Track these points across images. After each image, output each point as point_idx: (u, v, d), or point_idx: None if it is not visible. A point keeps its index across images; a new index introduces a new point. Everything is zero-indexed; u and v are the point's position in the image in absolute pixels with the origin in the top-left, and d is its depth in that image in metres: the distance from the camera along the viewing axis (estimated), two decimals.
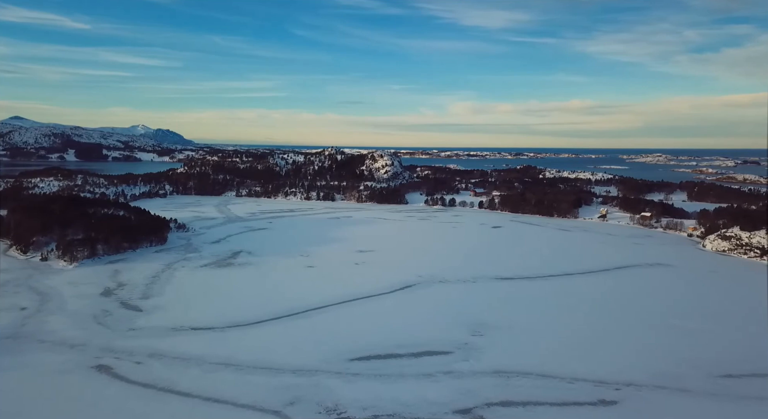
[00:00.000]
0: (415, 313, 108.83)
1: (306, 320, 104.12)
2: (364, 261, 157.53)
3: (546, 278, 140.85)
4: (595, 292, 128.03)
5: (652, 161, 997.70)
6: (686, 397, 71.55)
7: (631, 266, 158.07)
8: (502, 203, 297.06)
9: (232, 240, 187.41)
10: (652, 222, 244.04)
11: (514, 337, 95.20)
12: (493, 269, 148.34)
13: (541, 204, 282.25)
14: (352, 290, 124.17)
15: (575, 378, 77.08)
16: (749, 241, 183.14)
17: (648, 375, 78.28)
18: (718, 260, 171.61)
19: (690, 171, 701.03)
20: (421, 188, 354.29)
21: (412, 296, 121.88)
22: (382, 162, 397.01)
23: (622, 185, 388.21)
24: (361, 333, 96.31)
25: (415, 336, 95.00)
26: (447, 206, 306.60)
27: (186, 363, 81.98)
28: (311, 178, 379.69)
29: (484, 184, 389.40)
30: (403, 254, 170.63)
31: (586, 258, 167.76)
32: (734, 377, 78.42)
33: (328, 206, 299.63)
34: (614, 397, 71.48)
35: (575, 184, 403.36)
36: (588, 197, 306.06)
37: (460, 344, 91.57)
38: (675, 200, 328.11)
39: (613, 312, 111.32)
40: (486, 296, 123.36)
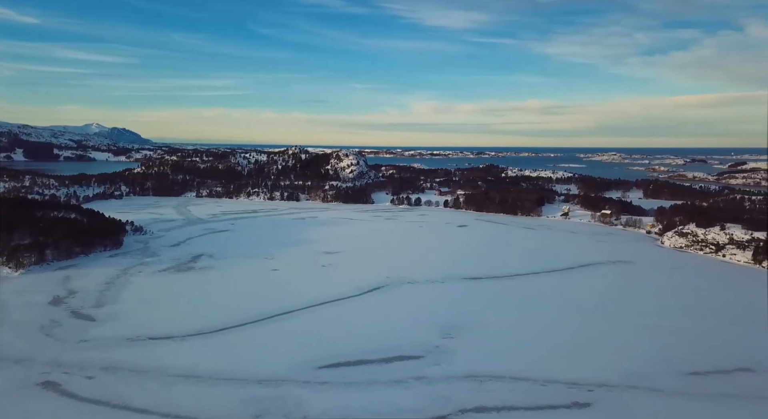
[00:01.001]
0: (385, 316, 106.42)
1: (272, 326, 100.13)
2: (331, 263, 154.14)
3: (513, 278, 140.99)
4: (562, 291, 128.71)
5: (608, 160, 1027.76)
6: (657, 397, 71.63)
7: (596, 263, 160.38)
8: (466, 201, 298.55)
9: (193, 243, 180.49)
10: (613, 220, 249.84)
11: (485, 339, 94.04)
12: (461, 269, 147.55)
13: (505, 203, 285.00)
14: (320, 293, 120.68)
15: (548, 381, 76.27)
16: (705, 237, 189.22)
17: (619, 375, 78.27)
18: (676, 257, 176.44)
19: (643, 169, 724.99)
20: (387, 187, 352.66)
21: (381, 299, 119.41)
22: (348, 161, 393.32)
23: (582, 184, 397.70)
24: (329, 338, 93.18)
25: (385, 340, 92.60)
26: (413, 206, 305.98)
27: (143, 376, 76.97)
28: (275, 178, 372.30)
29: (449, 183, 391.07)
30: (371, 255, 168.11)
31: (552, 256, 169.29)
32: (701, 374, 79.34)
33: (293, 207, 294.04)
34: (588, 399, 70.93)
35: (537, 182, 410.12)
36: (550, 196, 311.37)
37: (431, 347, 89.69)
38: (632, 197, 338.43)
39: (582, 311, 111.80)
40: (455, 296, 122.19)
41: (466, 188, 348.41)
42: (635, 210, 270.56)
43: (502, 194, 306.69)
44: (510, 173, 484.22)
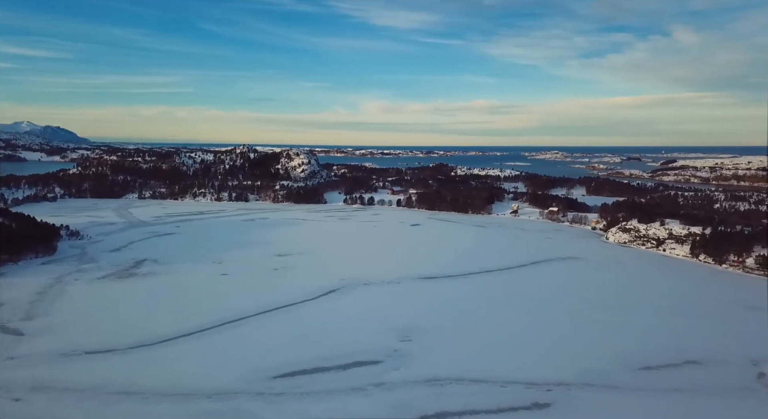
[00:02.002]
0: (341, 320, 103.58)
1: (221, 335, 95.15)
2: (284, 266, 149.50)
3: (468, 276, 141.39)
4: (516, 289, 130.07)
5: (551, 158, 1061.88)
6: (614, 394, 72.57)
7: (546, 260, 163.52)
8: (419, 200, 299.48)
9: (135, 247, 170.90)
10: (560, 217, 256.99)
11: (443, 340, 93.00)
12: (417, 269, 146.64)
13: (456, 201, 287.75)
14: (272, 298, 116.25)
15: (507, 381, 75.88)
16: (646, 233, 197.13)
17: (576, 372, 78.95)
18: (621, 252, 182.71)
19: (584, 167, 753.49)
20: (340, 186, 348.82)
21: (336, 302, 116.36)
22: (299, 160, 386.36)
23: (529, 182, 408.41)
24: (283, 346, 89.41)
25: (342, 345, 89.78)
26: (366, 205, 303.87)
27: (79, 395, 70.80)
28: (222, 178, 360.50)
29: (401, 182, 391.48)
30: (325, 256, 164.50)
31: (504, 254, 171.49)
32: (653, 369, 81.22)
33: (242, 208, 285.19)
34: (547, 399, 70.92)
35: (486, 181, 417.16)
36: (499, 194, 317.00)
37: (389, 351, 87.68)
38: (576, 194, 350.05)
39: (536, 309, 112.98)
40: (411, 297, 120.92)
41: (418, 187, 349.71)
42: (580, 207, 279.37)
43: (453, 192, 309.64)
44: (459, 171, 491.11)
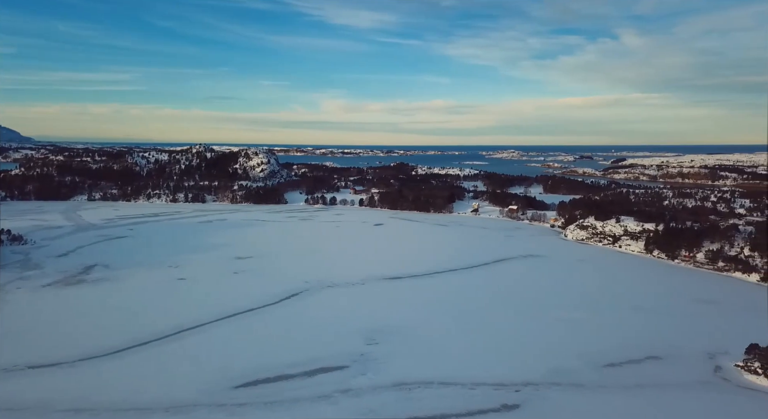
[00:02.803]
0: (305, 325, 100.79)
1: (179, 343, 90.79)
2: (244, 269, 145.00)
3: (433, 276, 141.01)
4: (480, 288, 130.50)
5: (508, 157, 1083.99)
6: (580, 393, 73.02)
7: (509, 258, 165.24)
8: (381, 200, 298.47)
9: (84, 252, 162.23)
10: (519, 215, 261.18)
11: (410, 342, 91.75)
12: (381, 269, 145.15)
13: (418, 200, 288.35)
14: (232, 303, 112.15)
15: (476, 383, 75.26)
16: (603, 230, 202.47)
17: (542, 372, 79.18)
18: (580, 249, 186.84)
19: (540, 166, 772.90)
20: (301, 186, 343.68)
21: (300, 306, 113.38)
22: (258, 160, 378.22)
23: (488, 180, 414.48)
24: (245, 354, 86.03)
25: (306, 351, 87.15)
26: (328, 205, 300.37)
27: (22, 414, 65.70)
28: (177, 178, 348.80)
29: (363, 181, 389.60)
30: (287, 258, 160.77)
31: (467, 253, 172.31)
32: (616, 365, 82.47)
33: (199, 209, 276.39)
34: (516, 400, 70.68)
35: (446, 180, 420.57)
36: (460, 193, 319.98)
37: (356, 356, 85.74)
38: (533, 192, 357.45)
39: (501, 308, 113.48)
40: (377, 298, 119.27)
41: (380, 187, 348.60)
42: (539, 205, 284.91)
43: (415, 192, 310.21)
44: (420, 171, 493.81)
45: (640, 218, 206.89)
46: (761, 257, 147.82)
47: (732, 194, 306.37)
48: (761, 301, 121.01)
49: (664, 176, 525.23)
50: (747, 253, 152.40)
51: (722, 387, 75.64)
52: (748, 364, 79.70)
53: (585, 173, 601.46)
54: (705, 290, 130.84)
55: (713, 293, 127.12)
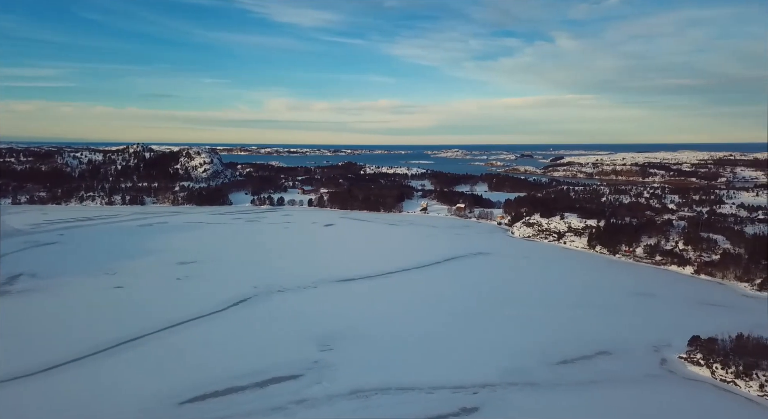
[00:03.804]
0: (255, 332, 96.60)
1: (118, 357, 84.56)
2: (188, 275, 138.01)
3: (386, 276, 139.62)
4: (433, 287, 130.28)
5: (452, 156, 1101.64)
6: (536, 392, 73.45)
7: (459, 256, 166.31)
8: (330, 200, 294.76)
9: (9, 260, 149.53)
10: (467, 213, 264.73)
11: (366, 347, 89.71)
12: (333, 271, 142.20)
13: (368, 200, 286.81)
14: (175, 312, 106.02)
15: (434, 387, 74.17)
16: (548, 227, 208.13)
17: (499, 372, 79.20)
18: (526, 246, 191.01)
19: (484, 164, 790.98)
20: (246, 186, 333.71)
21: (248, 313, 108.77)
22: (200, 160, 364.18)
23: (435, 179, 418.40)
24: (191, 365, 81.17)
25: (257, 360, 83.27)
26: (276, 206, 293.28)
27: None
28: (114, 179, 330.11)
29: (311, 181, 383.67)
30: (234, 262, 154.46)
31: (418, 252, 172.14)
32: (569, 362, 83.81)
33: (138, 212, 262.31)
34: (474, 402, 70.10)
35: (394, 179, 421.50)
36: (409, 192, 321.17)
37: (309, 363, 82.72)
38: (479, 190, 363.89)
39: (455, 308, 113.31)
40: (329, 302, 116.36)
41: (329, 186, 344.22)
42: (485, 203, 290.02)
43: (365, 191, 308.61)
44: (369, 170, 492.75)
45: (583, 215, 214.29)
46: (694, 251, 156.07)
47: (662, 191, 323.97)
48: (696, 293, 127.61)
49: (600, 173, 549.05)
50: (681, 247, 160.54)
51: (669, 380, 78.26)
52: (691, 356, 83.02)
53: (526, 171, 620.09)
54: (645, 283, 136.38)
55: (653, 287, 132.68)
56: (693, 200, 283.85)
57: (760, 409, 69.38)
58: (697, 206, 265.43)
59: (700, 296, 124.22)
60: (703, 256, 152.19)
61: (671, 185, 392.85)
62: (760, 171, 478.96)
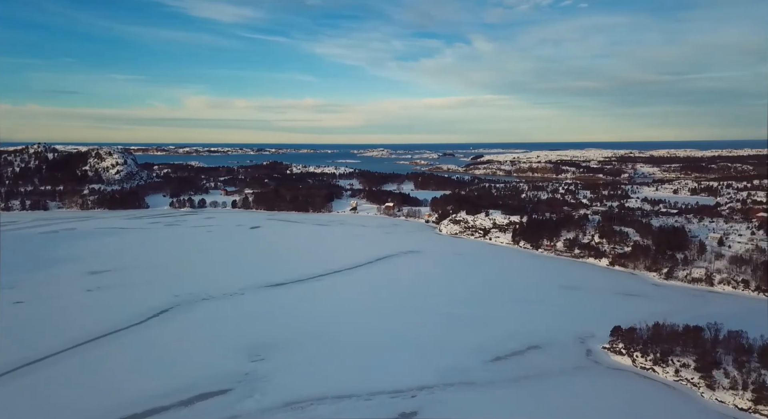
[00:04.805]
0: (179, 346, 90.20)
1: (17, 384, 75.54)
2: (101, 286, 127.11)
3: (317, 279, 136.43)
4: (366, 288, 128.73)
5: (378, 155, 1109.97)
6: (473, 391, 73.92)
7: (390, 256, 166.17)
8: (256, 201, 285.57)
9: None
10: (396, 211, 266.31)
11: (300, 355, 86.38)
12: (262, 276, 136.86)
13: (296, 200, 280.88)
14: (85, 327, 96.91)
15: (372, 393, 72.56)
16: (474, 223, 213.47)
17: (435, 373, 78.92)
18: (454, 243, 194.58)
19: (408, 163, 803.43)
20: (164, 188, 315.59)
21: (170, 324, 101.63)
22: (112, 160, 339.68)
23: (363, 178, 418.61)
24: (103, 388, 74.00)
25: (182, 376, 77.62)
26: (197, 208, 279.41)
27: None
28: (11, 183, 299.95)
29: (234, 182, 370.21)
30: (153, 270, 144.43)
31: (349, 252, 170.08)
32: (502, 359, 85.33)
33: (41, 218, 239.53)
34: (413, 406, 69.22)
35: (322, 178, 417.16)
36: (338, 191, 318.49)
37: (240, 376, 78.30)
38: (406, 189, 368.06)
39: (389, 309, 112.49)
40: (259, 309, 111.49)
41: (253, 187, 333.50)
42: (413, 201, 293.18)
43: (292, 191, 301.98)
44: (295, 169, 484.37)
45: (506, 212, 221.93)
46: (608, 244, 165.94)
47: (576, 187, 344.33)
48: (613, 284, 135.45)
49: (517, 170, 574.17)
50: (597, 240, 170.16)
51: (595, 370, 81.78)
52: (613, 346, 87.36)
53: (449, 169, 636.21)
54: (567, 276, 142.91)
55: (574, 280, 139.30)
56: (603, 195, 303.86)
57: (676, 393, 74.04)
58: (607, 201, 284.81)
59: (617, 287, 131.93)
60: (617, 248, 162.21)
61: (582, 181, 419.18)
62: (656, 167, 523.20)
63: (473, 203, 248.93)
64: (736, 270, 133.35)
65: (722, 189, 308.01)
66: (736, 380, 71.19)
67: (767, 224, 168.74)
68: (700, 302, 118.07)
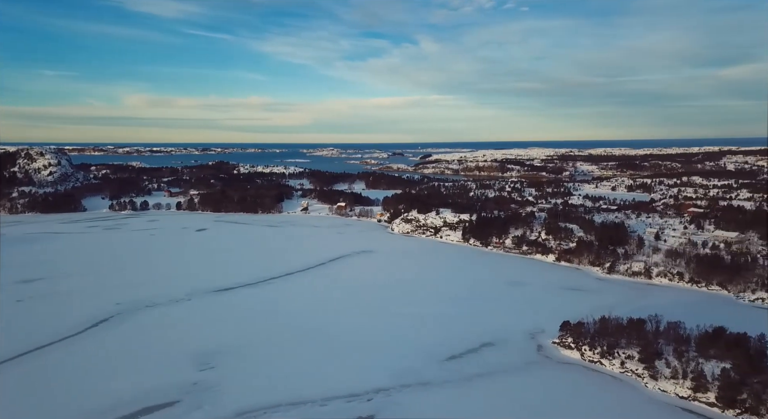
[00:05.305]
0: (121, 356, 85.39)
1: None
2: (33, 295, 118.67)
3: (269, 282, 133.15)
4: (319, 291, 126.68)
5: (328, 155, 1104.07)
6: (429, 391, 73.83)
7: (343, 256, 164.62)
8: (202, 202, 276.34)
9: None
10: (348, 211, 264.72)
11: (252, 362, 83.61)
12: (209, 280, 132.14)
13: (244, 201, 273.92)
14: (15, 341, 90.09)
15: (327, 398, 71.11)
16: (425, 222, 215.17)
17: (391, 375, 78.34)
18: (406, 242, 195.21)
19: (359, 163, 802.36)
20: (103, 190, 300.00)
21: (111, 334, 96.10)
22: (44, 161, 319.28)
23: (313, 178, 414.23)
24: (43, 404, 69.02)
25: (124, 390, 73.36)
26: (139, 210, 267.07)
27: None
28: None
29: (179, 182, 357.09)
30: (92, 277, 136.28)
31: (302, 254, 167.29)
32: (456, 357, 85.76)
33: None
34: (369, 410, 68.35)
35: (271, 178, 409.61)
36: (288, 191, 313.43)
37: (187, 386, 74.85)
38: (357, 188, 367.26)
39: (342, 310, 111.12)
40: (207, 315, 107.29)
41: (199, 188, 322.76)
42: (365, 201, 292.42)
43: (240, 192, 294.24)
44: (243, 169, 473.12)
45: (456, 210, 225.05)
46: (554, 240, 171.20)
47: (521, 185, 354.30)
48: (560, 279, 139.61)
49: (465, 169, 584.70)
50: (543, 237, 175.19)
51: (546, 365, 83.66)
52: (562, 340, 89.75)
53: (399, 168, 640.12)
54: (516, 273, 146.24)
55: (523, 276, 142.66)
56: (547, 192, 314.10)
57: (622, 385, 76.81)
58: (552, 198, 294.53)
59: (563, 282, 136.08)
60: (562, 244, 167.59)
61: (527, 179, 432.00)
62: (595, 165, 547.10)
63: (424, 202, 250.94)
64: (672, 263, 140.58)
65: (655, 186, 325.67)
66: (677, 369, 74.66)
67: (698, 219, 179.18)
68: (640, 294, 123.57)
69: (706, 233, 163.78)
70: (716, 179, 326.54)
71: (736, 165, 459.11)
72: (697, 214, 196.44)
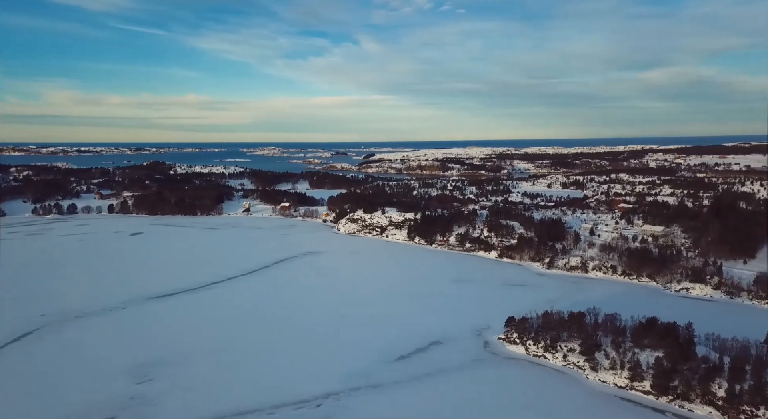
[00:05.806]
0: (49, 372, 79.34)
1: None
2: None
3: (209, 287, 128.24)
4: (264, 294, 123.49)
5: (269, 154, 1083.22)
6: (379, 393, 73.32)
7: (289, 258, 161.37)
8: (136, 204, 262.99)
9: None
10: (292, 212, 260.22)
11: (194, 372, 79.88)
12: (146, 287, 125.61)
13: (182, 203, 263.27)
14: None
15: (275, 406, 69.08)
16: (371, 221, 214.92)
17: (340, 378, 77.22)
18: (353, 241, 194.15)
19: (302, 162, 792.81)
20: (24, 193, 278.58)
21: (35, 349, 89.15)
22: None
23: (255, 178, 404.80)
24: None
25: (55, 407, 68.33)
26: (66, 214, 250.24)
27: None
28: None
29: (111, 184, 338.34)
30: (12, 288, 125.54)
31: (244, 257, 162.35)
32: (405, 357, 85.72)
33: None
34: (319, 415, 66.96)
35: (210, 179, 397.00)
36: (228, 192, 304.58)
37: (124, 401, 70.54)
38: (300, 188, 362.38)
39: (288, 314, 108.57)
40: (144, 323, 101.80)
41: (133, 189, 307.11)
42: (309, 201, 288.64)
43: (177, 193, 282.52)
44: (180, 169, 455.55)
45: (401, 209, 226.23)
46: (496, 237, 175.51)
47: (462, 183, 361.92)
48: (503, 275, 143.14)
49: (407, 168, 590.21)
50: (486, 234, 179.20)
51: (493, 361, 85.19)
52: (508, 336, 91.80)
53: (343, 168, 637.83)
54: (461, 270, 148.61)
55: (468, 273, 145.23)
56: (487, 190, 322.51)
57: (565, 377, 79.40)
58: (492, 196, 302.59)
59: (506, 278, 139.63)
60: (504, 241, 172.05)
61: (467, 178, 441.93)
62: (530, 163, 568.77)
63: (369, 202, 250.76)
64: (606, 257, 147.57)
65: (587, 183, 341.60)
66: (615, 360, 78.07)
67: (628, 214, 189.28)
68: (578, 288, 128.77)
69: (635, 228, 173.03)
70: (641, 176, 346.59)
71: (657, 163, 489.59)
72: (626, 209, 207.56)
